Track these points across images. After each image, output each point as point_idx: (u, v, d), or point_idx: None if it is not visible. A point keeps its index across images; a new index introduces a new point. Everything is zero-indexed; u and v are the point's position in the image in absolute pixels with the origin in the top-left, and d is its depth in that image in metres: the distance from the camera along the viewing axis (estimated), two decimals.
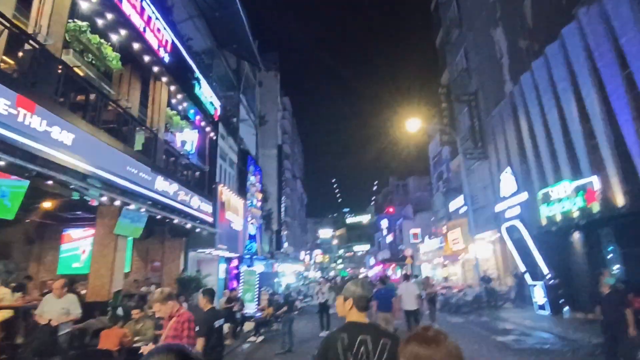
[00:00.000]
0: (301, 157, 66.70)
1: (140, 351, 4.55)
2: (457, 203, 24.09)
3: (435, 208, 33.07)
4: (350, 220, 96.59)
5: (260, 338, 10.65)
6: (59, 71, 6.24)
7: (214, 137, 14.08)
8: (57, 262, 12.79)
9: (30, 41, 5.47)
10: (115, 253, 9.05)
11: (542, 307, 12.87)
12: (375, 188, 77.80)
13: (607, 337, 6.50)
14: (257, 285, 15.24)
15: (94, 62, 8.71)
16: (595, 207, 10.15)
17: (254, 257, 20.61)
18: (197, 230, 12.34)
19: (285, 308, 9.23)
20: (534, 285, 13.33)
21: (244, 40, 16.77)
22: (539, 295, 13.04)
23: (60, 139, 5.95)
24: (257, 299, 14.56)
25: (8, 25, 5.25)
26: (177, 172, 11.54)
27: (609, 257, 11.55)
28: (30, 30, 5.68)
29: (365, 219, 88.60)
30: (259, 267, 24.42)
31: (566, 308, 12.66)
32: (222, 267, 16.83)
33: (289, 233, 44.37)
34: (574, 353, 7.95)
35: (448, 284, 22.92)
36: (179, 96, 11.24)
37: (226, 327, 11.04)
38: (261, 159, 27.74)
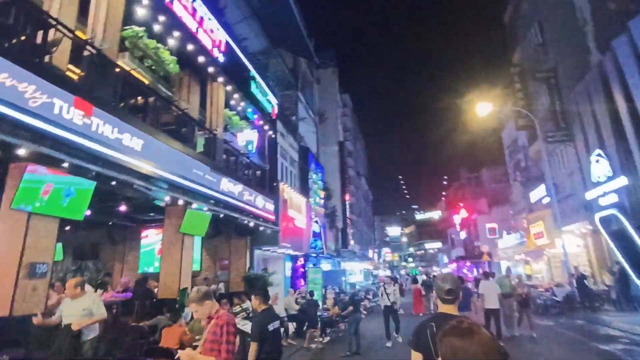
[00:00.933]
0: (364, 155, 65.81)
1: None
2: (538, 193, 21.71)
3: (513, 200, 30.30)
4: (419, 217, 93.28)
5: (327, 339, 10.33)
6: (116, 74, 6.45)
7: (273, 135, 14.13)
8: (137, 261, 13.64)
9: (88, 46, 5.69)
10: (183, 251, 9.33)
11: None
12: (445, 183, 74.01)
13: None
14: (322, 284, 14.98)
15: (153, 67, 9.10)
16: None
17: (320, 255, 20.52)
18: (261, 228, 12.44)
19: (351, 308, 8.78)
20: None
21: (297, 34, 16.76)
22: None
23: (122, 141, 6.16)
24: (323, 298, 14.31)
25: (70, 35, 5.52)
26: (238, 172, 11.70)
27: None
28: (87, 36, 5.93)
29: (435, 215, 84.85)
30: (325, 265, 24.36)
31: None
32: (288, 265, 16.93)
33: (355, 231, 43.88)
34: None
35: (531, 282, 20.73)
36: (236, 96, 11.38)
37: (291, 327, 10.93)
38: (322, 156, 27.66)
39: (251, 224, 11.49)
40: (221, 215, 10.29)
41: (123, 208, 10.59)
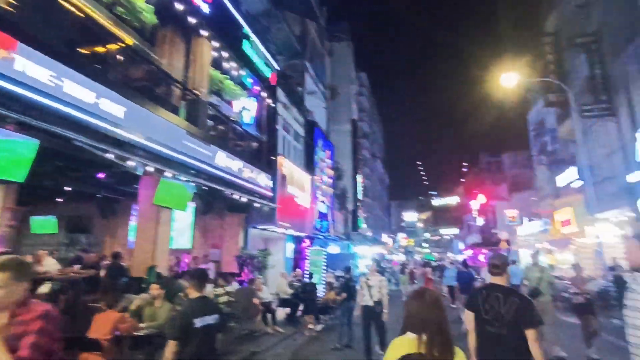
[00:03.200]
0: (382, 138, 63.81)
1: None
2: (567, 177, 19.76)
3: (537, 185, 28.30)
4: (436, 202, 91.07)
5: (320, 327, 9.20)
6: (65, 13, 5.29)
7: (273, 105, 12.80)
8: (127, 236, 12.80)
9: None
10: (158, 226, 8.26)
11: None
12: (464, 170, 71.48)
13: None
14: (325, 267, 13.82)
15: (125, 16, 7.85)
16: None
17: (327, 237, 19.35)
18: (256, 205, 11.27)
19: (344, 295, 7.56)
20: None
21: None
22: None
23: (64, 89, 5.05)
24: (324, 282, 13.17)
25: None
26: (228, 140, 10.48)
27: None
28: None
29: (453, 201, 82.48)
30: (333, 248, 23.21)
31: None
32: (290, 246, 15.82)
33: (369, 214, 42.58)
34: None
35: (555, 273, 19.07)
36: (225, 55, 10.05)
37: (282, 314, 9.84)
38: (334, 135, 26.21)
39: (244, 200, 10.31)
40: (205, 188, 9.16)
41: (102, 176, 9.54)
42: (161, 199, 7.98)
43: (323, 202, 18.04)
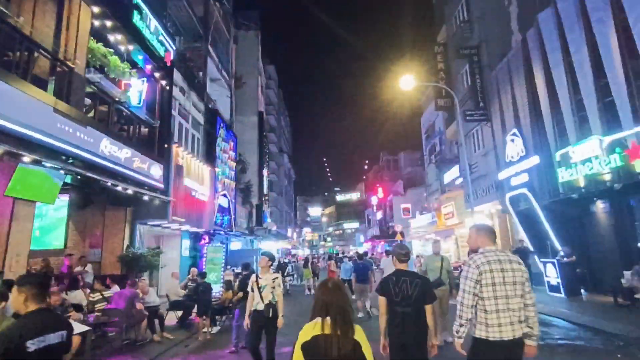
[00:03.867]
0: (289, 133, 64.04)
1: None
2: (451, 174, 22.10)
3: (427, 182, 31.16)
4: (340, 198, 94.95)
5: (216, 329, 8.58)
6: None
7: (168, 87, 11.59)
8: None
9: None
10: (12, 222, 6.75)
11: (555, 289, 11.01)
12: (366, 167, 75.82)
13: None
14: (223, 264, 13.10)
15: None
16: (639, 165, 8.08)
17: (229, 233, 18.49)
18: (145, 198, 10.06)
19: (240, 295, 7.11)
20: (546, 263, 11.44)
21: None
22: (552, 274, 11.16)
23: None
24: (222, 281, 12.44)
25: None
26: (112, 124, 9.13)
27: None
28: None
29: (355, 196, 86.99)
30: (235, 244, 22.38)
31: (583, 290, 10.85)
32: (186, 243, 14.69)
33: (276, 209, 42.33)
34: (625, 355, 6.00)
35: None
36: (109, 24, 8.71)
37: (174, 317, 8.97)
38: (239, 126, 25.25)
39: (128, 191, 9.09)
40: (81, 178, 7.83)
41: None
42: (17, 189, 6.55)
43: (225, 195, 17.15)
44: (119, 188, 8.74)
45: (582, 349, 6.32)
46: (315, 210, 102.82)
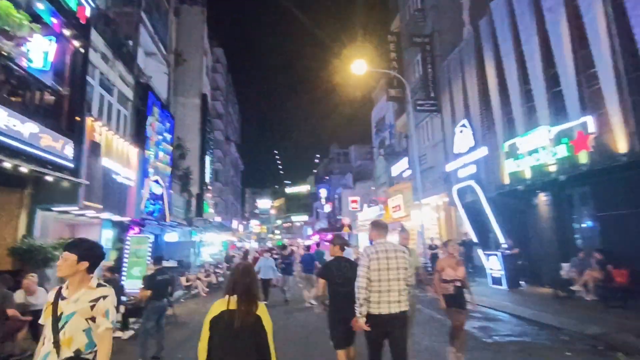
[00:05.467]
0: (238, 122, 61.57)
1: None
2: (400, 167, 21.99)
3: (376, 174, 31.14)
4: (289, 190, 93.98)
5: (128, 334, 7.28)
6: None
7: (82, 50, 9.82)
8: None
9: None
10: None
11: (497, 282, 10.91)
12: (317, 161, 75.41)
13: None
14: (150, 258, 11.61)
15: None
16: (584, 156, 7.94)
17: (163, 223, 16.78)
18: (48, 179, 8.36)
19: (147, 293, 5.90)
20: (489, 256, 11.32)
21: None
22: (494, 267, 11.05)
23: None
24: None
25: None
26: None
27: (583, 223, 9.71)
28: None
29: (304, 189, 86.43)
30: (171, 235, 20.61)
31: (523, 282, 10.86)
32: (108, 234, 12.90)
33: (221, 200, 40.35)
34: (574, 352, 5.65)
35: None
36: None
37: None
38: (179, 108, 23.29)
39: (22, 169, 7.41)
40: None
41: None
42: None
43: (157, 182, 15.46)
44: (7, 165, 7.06)
45: (530, 346, 5.91)
46: (264, 203, 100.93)
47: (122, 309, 7.92)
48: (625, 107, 7.02)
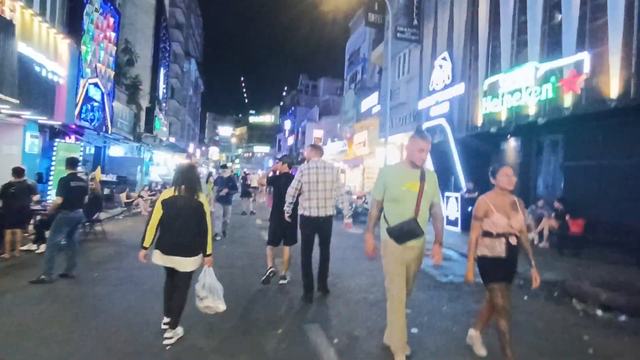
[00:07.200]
0: (201, 37, 56.19)
1: None
2: (369, 102, 20.97)
3: (344, 109, 29.99)
4: (253, 120, 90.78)
5: (43, 247, 6.28)
6: None
7: None
8: None
9: None
10: None
11: (452, 223, 10.79)
12: (284, 93, 72.14)
13: None
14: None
15: None
16: (568, 99, 7.34)
17: (104, 133, 15.04)
18: None
19: (58, 200, 4.82)
20: (449, 198, 11.08)
21: None
22: (452, 209, 10.87)
23: None
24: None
25: None
26: None
27: (548, 171, 9.47)
28: None
29: (269, 119, 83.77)
30: (117, 149, 18.90)
31: None
32: (34, 139, 11.20)
33: (176, 120, 37.77)
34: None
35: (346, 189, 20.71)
36: None
37: None
38: (129, 6, 20.30)
39: None
40: None
41: None
42: None
43: (97, 85, 13.49)
44: None
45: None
46: (225, 130, 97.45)
47: (36, 219, 6.83)
48: (629, 46, 6.30)
